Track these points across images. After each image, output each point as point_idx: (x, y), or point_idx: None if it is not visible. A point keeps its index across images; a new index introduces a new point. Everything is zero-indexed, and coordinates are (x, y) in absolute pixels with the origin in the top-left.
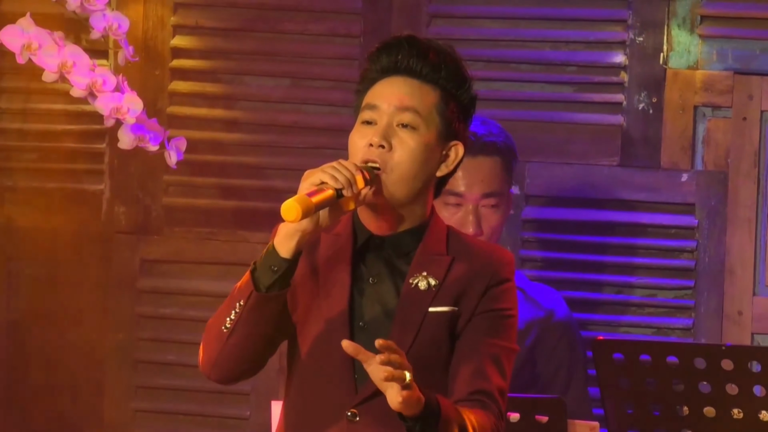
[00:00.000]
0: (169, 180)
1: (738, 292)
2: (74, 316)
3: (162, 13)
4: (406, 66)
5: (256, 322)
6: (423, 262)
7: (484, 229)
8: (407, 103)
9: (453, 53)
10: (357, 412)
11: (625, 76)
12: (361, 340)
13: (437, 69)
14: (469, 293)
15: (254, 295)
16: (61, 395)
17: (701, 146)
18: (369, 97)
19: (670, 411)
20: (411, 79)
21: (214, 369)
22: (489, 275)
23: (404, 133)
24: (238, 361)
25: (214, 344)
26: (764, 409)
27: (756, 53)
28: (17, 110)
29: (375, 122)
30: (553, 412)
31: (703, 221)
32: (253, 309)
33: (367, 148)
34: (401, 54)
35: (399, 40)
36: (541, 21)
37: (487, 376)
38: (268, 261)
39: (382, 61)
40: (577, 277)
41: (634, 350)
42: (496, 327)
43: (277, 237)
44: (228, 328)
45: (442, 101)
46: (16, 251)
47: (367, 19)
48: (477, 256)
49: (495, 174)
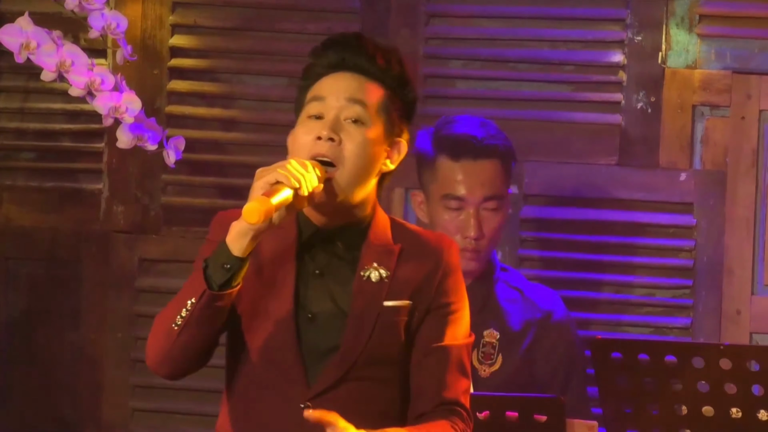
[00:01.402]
0: (167, 179)
1: (736, 292)
2: (72, 315)
3: (160, 13)
4: (354, 63)
5: (208, 319)
6: (372, 253)
7: (486, 232)
8: (356, 97)
9: (398, 54)
10: (311, 405)
11: (623, 75)
12: (310, 333)
13: (384, 68)
14: (422, 285)
15: (207, 293)
16: (60, 394)
17: (699, 145)
18: (316, 90)
19: (668, 410)
20: (358, 75)
21: (162, 366)
22: (439, 264)
23: (352, 127)
24: (188, 358)
25: (163, 341)
26: (762, 408)
27: (754, 52)
28: (15, 109)
29: (322, 116)
30: (551, 412)
31: (701, 220)
32: (206, 307)
33: (315, 142)
34: (349, 51)
35: (347, 38)
36: (539, 20)
37: (451, 384)
38: (220, 259)
39: (329, 57)
40: (575, 276)
41: (633, 349)
42: (452, 325)
43: (230, 235)
44: (178, 325)
45: (387, 99)
46: (14, 250)
47: (365, 19)
48: (423, 245)
49: (495, 177)
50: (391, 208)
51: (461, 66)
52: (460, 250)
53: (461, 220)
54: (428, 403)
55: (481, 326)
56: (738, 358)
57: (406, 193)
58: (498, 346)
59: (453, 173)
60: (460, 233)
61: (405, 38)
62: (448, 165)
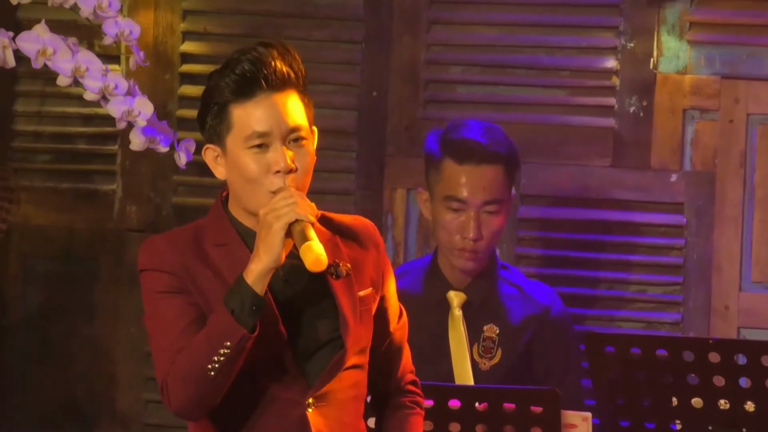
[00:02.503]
0: (178, 180)
1: (725, 288)
2: (87, 310)
3: (171, 20)
4: (277, 80)
5: (239, 363)
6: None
7: (484, 234)
8: (297, 121)
9: (292, 48)
10: (314, 402)
11: (616, 80)
12: (298, 337)
13: (294, 72)
14: (367, 269)
15: (245, 336)
16: (76, 386)
17: (690, 148)
18: (253, 124)
19: (659, 402)
20: (278, 93)
21: (197, 409)
22: (371, 244)
23: (301, 148)
24: (217, 398)
25: (196, 387)
26: (750, 399)
27: (742, 58)
28: (33, 113)
29: (267, 145)
30: (547, 403)
31: (691, 220)
32: (241, 351)
33: (273, 176)
34: (259, 70)
35: (252, 57)
36: (536, 27)
37: (407, 361)
38: (248, 302)
39: (244, 83)
40: (570, 273)
41: (625, 344)
42: (395, 301)
43: (251, 276)
44: (216, 369)
45: (305, 100)
46: (32, 248)
47: (368, 25)
48: (354, 232)
49: (497, 182)
50: (392, 208)
51: (461, 71)
52: (459, 250)
53: (462, 221)
54: (390, 384)
55: (482, 321)
56: (726, 352)
57: (407, 194)
58: (498, 340)
59: (457, 176)
60: (460, 233)
61: (407, 44)
62: (453, 168)
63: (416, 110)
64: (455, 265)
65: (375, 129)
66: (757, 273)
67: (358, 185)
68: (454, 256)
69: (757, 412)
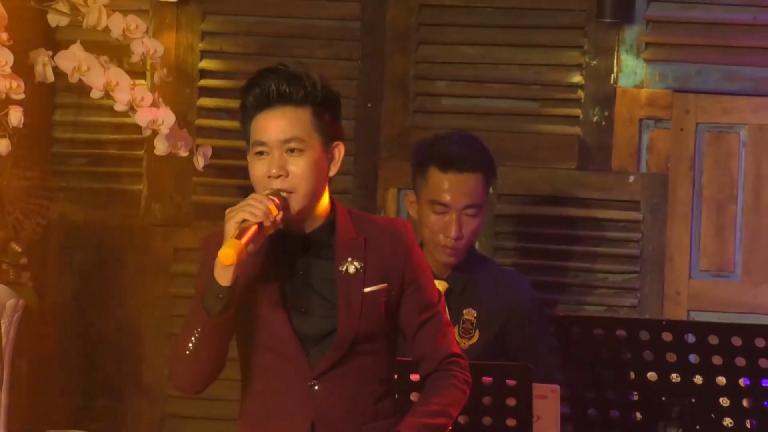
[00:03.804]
0: (197, 181)
1: (676, 276)
2: (118, 296)
3: (191, 41)
4: (279, 95)
5: (213, 342)
6: (344, 249)
7: (464, 233)
8: (289, 134)
9: (309, 70)
10: (316, 382)
11: (581, 93)
12: (305, 324)
13: (301, 90)
14: (392, 268)
15: (208, 322)
16: (107, 363)
17: (645, 153)
18: (256, 134)
19: (619, 376)
20: (282, 107)
21: (184, 385)
22: (400, 245)
23: (294, 157)
24: (205, 375)
25: (182, 366)
26: (698, 373)
27: (692, 74)
28: (69, 122)
29: (267, 153)
30: (520, 377)
31: (647, 216)
32: (210, 332)
33: (268, 180)
34: (268, 86)
35: (264, 74)
36: (512, 47)
37: (443, 343)
38: (213, 290)
39: (257, 95)
40: (541, 263)
41: (589, 325)
42: (426, 294)
43: (216, 271)
44: (191, 350)
45: (315, 117)
46: (69, 241)
47: (364, 45)
48: (383, 232)
49: (477, 188)
50: (385, 206)
51: (446, 85)
52: (442, 247)
53: (445, 222)
54: (431, 365)
55: (462, 306)
56: (677, 332)
57: (398, 193)
58: (475, 323)
59: (441, 182)
60: (443, 233)
61: (398, 62)
62: (437, 175)
63: (406, 119)
64: (438, 259)
65: (370, 136)
66: (705, 263)
67: (355, 185)
68: (437, 252)
69: (704, 384)
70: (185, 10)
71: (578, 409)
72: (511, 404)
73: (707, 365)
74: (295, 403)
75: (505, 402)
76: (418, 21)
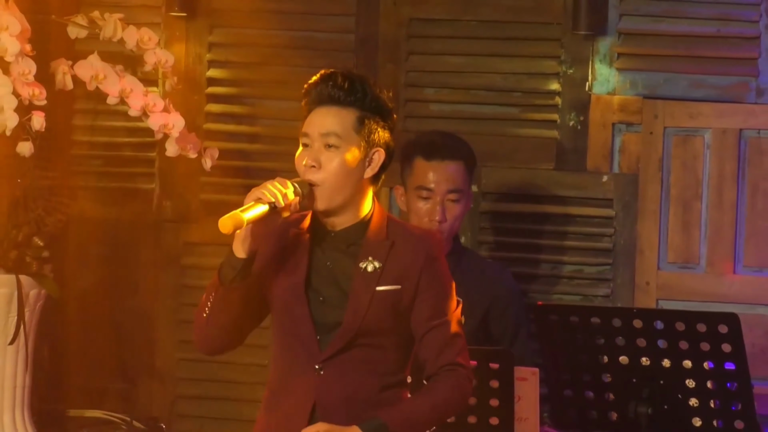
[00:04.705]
0: (204, 180)
1: (646, 268)
2: (132, 287)
3: (200, 51)
4: (329, 96)
5: (226, 308)
6: (368, 248)
7: (448, 217)
8: (329, 129)
9: (363, 79)
10: (322, 366)
11: (558, 100)
12: (321, 311)
13: (351, 94)
14: (409, 272)
15: (220, 288)
16: (122, 348)
17: (618, 154)
18: (303, 127)
19: (593, 359)
20: (334, 106)
21: (202, 346)
22: (423, 253)
23: (329, 152)
24: (220, 338)
25: (199, 328)
26: (666, 358)
27: (660, 82)
28: (87, 126)
29: (309, 145)
30: (502, 361)
31: (619, 213)
32: (222, 299)
33: (304, 168)
34: (323, 87)
35: (324, 76)
36: (494, 57)
37: (448, 351)
38: (229, 261)
39: (312, 94)
40: (521, 256)
41: (566, 313)
42: (441, 302)
43: (234, 242)
44: (207, 314)
45: (358, 120)
46: (87, 236)
47: (358, 56)
48: (411, 237)
49: (458, 175)
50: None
51: (434, 92)
52: None
53: (429, 207)
54: (431, 369)
55: None
56: (647, 319)
57: (390, 192)
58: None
59: (425, 170)
60: (428, 217)
61: (390, 70)
62: (422, 163)
63: (397, 123)
64: None
65: None
66: (672, 255)
67: None
68: None
69: (672, 367)
70: (194, 23)
71: (556, 390)
72: (495, 386)
73: (674, 350)
74: (303, 384)
75: (489, 384)
76: (408, 33)
